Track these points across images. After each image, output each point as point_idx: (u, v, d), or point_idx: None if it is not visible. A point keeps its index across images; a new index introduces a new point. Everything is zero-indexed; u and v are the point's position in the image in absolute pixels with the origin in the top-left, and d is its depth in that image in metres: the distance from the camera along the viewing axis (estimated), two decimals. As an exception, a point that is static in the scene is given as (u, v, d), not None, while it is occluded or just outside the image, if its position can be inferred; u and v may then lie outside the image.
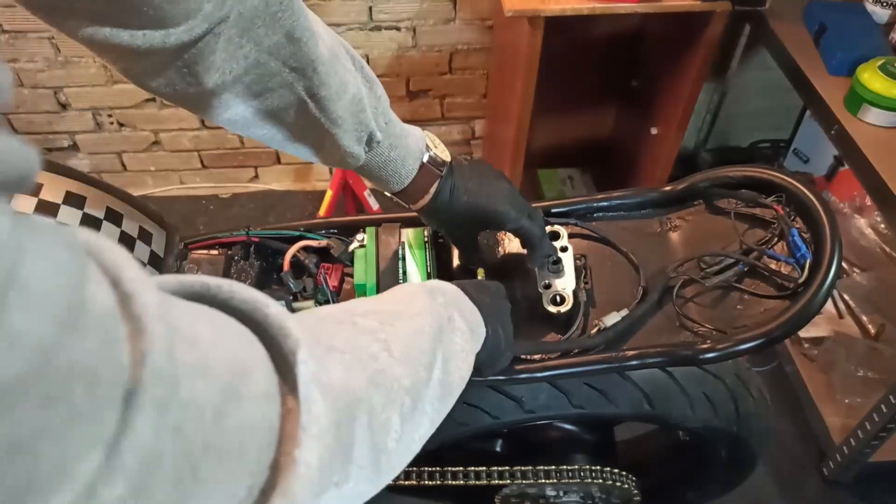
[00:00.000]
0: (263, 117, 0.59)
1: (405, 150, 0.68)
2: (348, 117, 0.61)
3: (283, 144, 0.63)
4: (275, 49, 0.53)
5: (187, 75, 0.51)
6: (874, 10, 1.60)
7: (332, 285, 0.80)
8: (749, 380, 0.95)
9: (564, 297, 0.75)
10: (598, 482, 0.98)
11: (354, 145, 0.63)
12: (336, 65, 0.58)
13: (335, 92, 0.58)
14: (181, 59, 0.50)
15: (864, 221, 1.84)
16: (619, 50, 1.97)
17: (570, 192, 2.21)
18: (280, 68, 0.55)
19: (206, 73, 0.51)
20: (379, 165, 0.67)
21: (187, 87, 0.52)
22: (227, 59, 0.51)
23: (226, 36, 0.50)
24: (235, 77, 0.53)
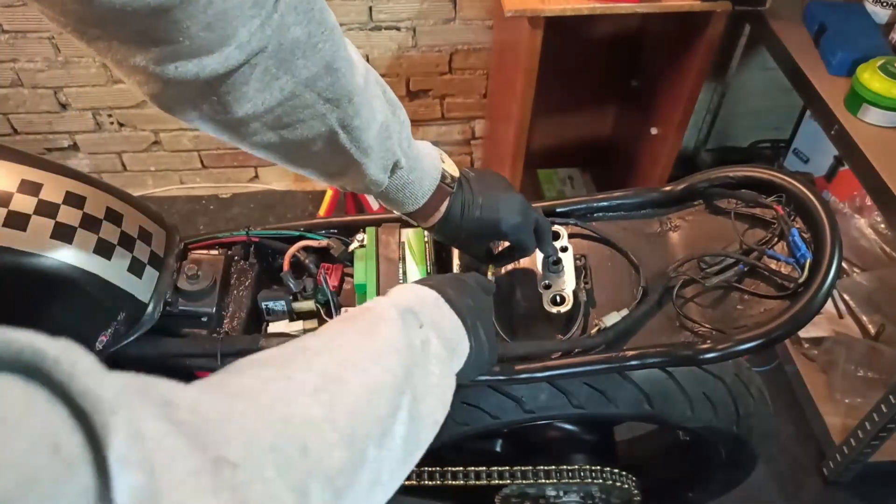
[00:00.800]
0: (290, 145, 0.57)
1: (422, 172, 0.67)
2: (377, 146, 0.59)
3: (304, 170, 0.61)
4: (312, 80, 0.51)
5: (216, 104, 0.49)
6: (874, 10, 1.59)
7: (332, 285, 0.80)
8: (749, 380, 0.95)
9: (564, 297, 0.75)
10: (598, 482, 0.98)
11: (380, 173, 0.62)
12: (366, 93, 0.57)
13: (366, 121, 0.57)
14: (212, 90, 0.48)
15: (864, 221, 1.83)
16: (619, 50, 1.97)
17: (570, 192, 2.21)
18: (315, 100, 0.52)
19: (237, 104, 0.50)
20: (397, 188, 0.66)
21: (215, 114, 0.51)
22: (260, 89, 0.49)
23: (262, 67, 0.48)
24: (268, 108, 0.51)
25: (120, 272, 0.67)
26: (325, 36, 0.50)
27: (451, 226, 0.71)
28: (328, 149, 0.57)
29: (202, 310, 0.77)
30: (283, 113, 0.52)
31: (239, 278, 0.82)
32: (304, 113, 0.53)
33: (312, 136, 0.55)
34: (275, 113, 0.52)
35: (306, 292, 0.81)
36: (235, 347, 0.75)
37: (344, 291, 0.82)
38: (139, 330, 0.72)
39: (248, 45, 0.46)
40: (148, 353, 0.75)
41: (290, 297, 0.81)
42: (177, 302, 0.76)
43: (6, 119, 2.05)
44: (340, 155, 0.58)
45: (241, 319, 0.79)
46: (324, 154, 0.58)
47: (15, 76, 1.92)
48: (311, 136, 0.55)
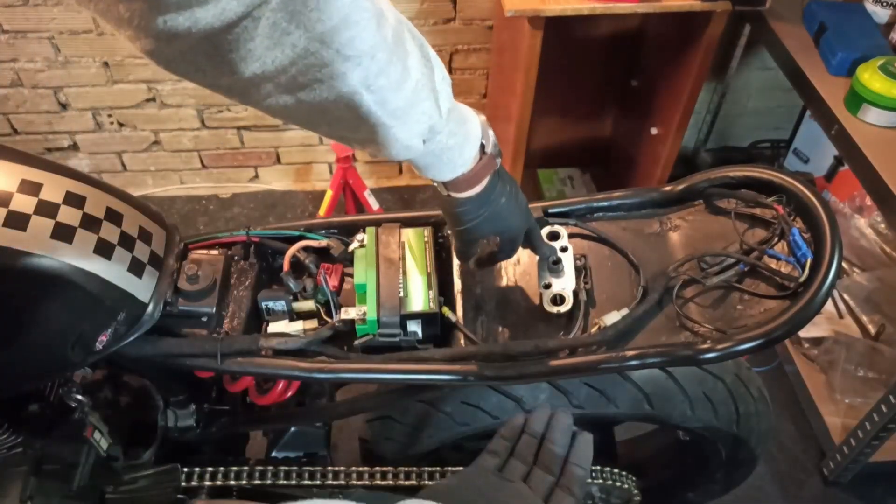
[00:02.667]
0: (308, 109, 0.51)
1: (464, 138, 0.61)
2: (408, 109, 0.53)
3: (329, 135, 0.56)
4: (328, 35, 0.45)
5: (220, 63, 0.44)
6: (874, 10, 1.60)
7: (332, 285, 0.80)
8: (749, 380, 0.95)
9: (564, 297, 0.75)
10: (597, 482, 0.98)
11: (413, 139, 0.56)
12: (399, 49, 0.50)
13: (395, 81, 0.51)
14: (213, 48, 0.43)
15: (864, 221, 1.84)
16: (619, 50, 1.97)
17: (570, 192, 2.21)
18: (333, 57, 0.46)
19: (243, 63, 0.44)
20: (435, 154, 0.60)
21: (219, 75, 0.46)
22: (270, 46, 0.44)
23: (269, 20, 0.43)
24: (279, 68, 0.46)
25: (120, 272, 0.67)
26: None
27: (482, 203, 0.66)
28: (351, 113, 0.51)
29: (202, 310, 0.77)
30: (297, 73, 0.47)
31: (239, 278, 0.82)
32: (321, 72, 0.47)
33: (333, 98, 0.49)
34: (288, 73, 0.46)
35: (306, 292, 0.81)
36: (235, 347, 0.75)
37: (344, 291, 0.82)
38: (139, 330, 0.72)
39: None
40: (148, 353, 0.74)
41: (290, 297, 0.81)
42: (177, 302, 0.76)
43: (6, 119, 2.05)
44: (366, 119, 0.52)
45: (241, 319, 0.79)
46: (347, 119, 0.52)
47: (15, 76, 1.92)
48: (332, 98, 0.49)
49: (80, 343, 0.67)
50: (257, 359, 0.75)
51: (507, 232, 0.73)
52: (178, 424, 0.88)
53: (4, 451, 0.73)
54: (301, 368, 0.75)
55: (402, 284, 0.77)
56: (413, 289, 0.77)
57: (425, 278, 0.78)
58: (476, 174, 0.65)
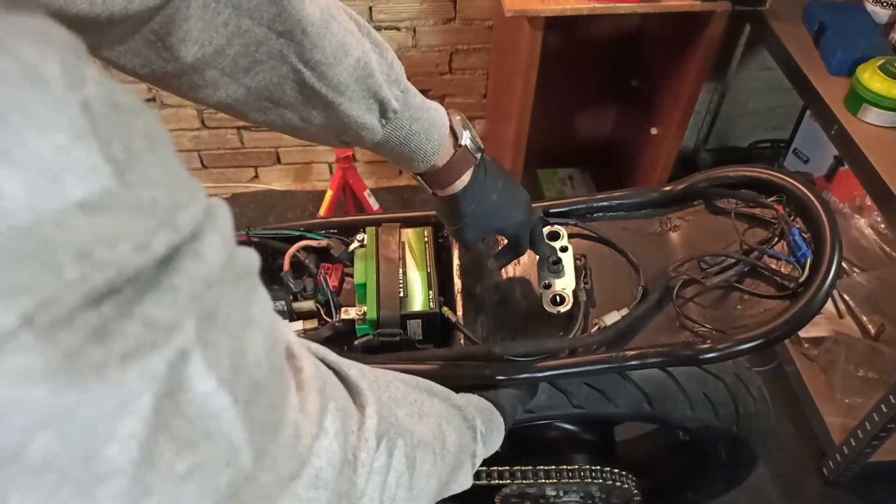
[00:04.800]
0: (259, 97, 0.53)
1: (429, 122, 0.62)
2: (352, 83, 0.55)
3: (294, 129, 0.58)
4: (256, 12, 0.48)
5: (162, 49, 0.46)
6: (874, 10, 1.60)
7: (332, 285, 0.80)
8: (749, 380, 0.95)
9: (564, 297, 0.76)
10: (598, 482, 0.98)
11: (366, 115, 0.58)
12: (331, 25, 0.53)
13: (332, 55, 0.53)
14: (150, 30, 0.45)
15: (864, 221, 1.84)
16: (619, 50, 1.97)
17: (570, 192, 2.21)
18: (266, 34, 0.49)
19: (182, 45, 0.47)
20: (400, 141, 0.61)
21: (164, 63, 0.48)
22: (204, 27, 0.46)
23: (199, 0, 0.45)
24: (217, 49, 0.48)
25: (120, 272, 0.67)
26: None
27: (469, 200, 0.67)
28: (299, 94, 0.54)
29: (202, 310, 0.77)
30: (236, 55, 0.49)
31: (239, 278, 0.82)
32: (259, 52, 0.50)
33: (277, 79, 0.52)
34: (227, 55, 0.49)
35: (306, 292, 0.81)
36: (235, 347, 0.75)
37: (344, 291, 0.82)
38: (139, 330, 0.71)
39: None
40: (148, 353, 0.74)
41: (290, 297, 0.80)
42: (177, 302, 0.76)
43: (6, 119, 2.04)
44: (315, 99, 0.54)
45: (241, 319, 0.79)
46: (298, 102, 0.55)
47: (15, 76, 1.92)
48: (276, 79, 0.52)
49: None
50: (257, 359, 0.75)
51: (508, 229, 0.73)
52: (178, 424, 0.88)
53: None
54: (301, 368, 0.75)
55: (402, 284, 0.77)
56: (413, 289, 0.77)
57: (425, 278, 0.78)
58: (453, 167, 0.65)
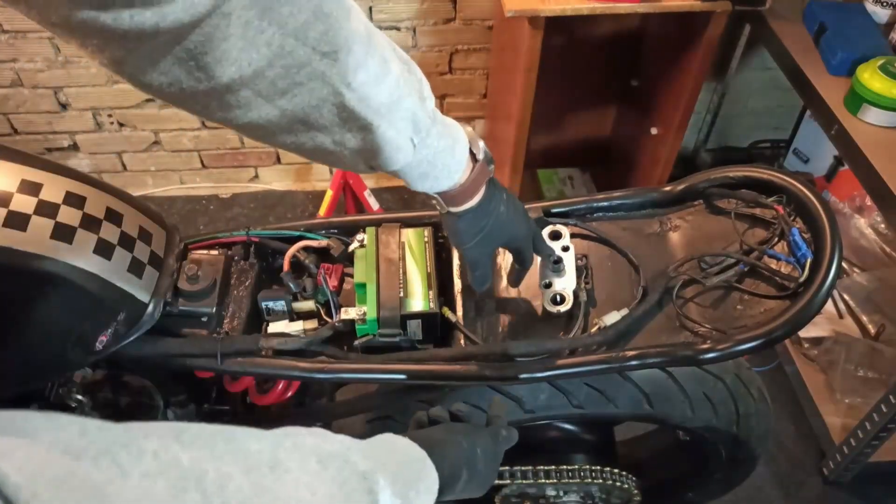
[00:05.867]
0: (293, 120, 0.49)
1: (453, 140, 0.60)
2: (392, 104, 0.52)
3: (324, 153, 0.53)
4: (302, 31, 0.44)
5: (195, 69, 0.43)
6: (874, 10, 1.60)
7: (332, 285, 0.80)
8: (749, 380, 0.95)
9: (565, 296, 0.75)
10: (598, 482, 0.98)
11: (402, 138, 0.54)
12: (374, 41, 0.49)
13: (375, 75, 0.49)
14: (183, 47, 0.41)
15: (864, 221, 1.84)
16: (619, 50, 1.97)
17: (570, 192, 2.21)
18: (310, 56, 0.45)
19: (219, 65, 0.43)
20: (429, 160, 0.58)
21: (196, 83, 0.44)
22: (245, 47, 0.43)
23: (241, 18, 0.41)
24: (257, 70, 0.44)
25: (120, 272, 0.67)
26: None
27: (484, 214, 0.65)
28: (335, 116, 0.50)
29: (202, 310, 0.77)
30: (276, 76, 0.46)
31: (239, 278, 0.82)
32: (300, 74, 0.46)
33: (315, 102, 0.48)
34: (266, 76, 0.45)
35: (306, 292, 0.81)
36: (235, 347, 0.75)
37: (344, 291, 0.82)
38: (139, 330, 0.72)
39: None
40: (148, 353, 0.74)
41: (290, 297, 0.80)
42: (177, 302, 0.76)
43: (6, 119, 2.05)
44: (353, 121, 0.51)
45: (241, 319, 0.79)
46: (334, 126, 0.51)
47: (15, 76, 1.92)
48: (314, 102, 0.48)
49: (80, 343, 0.67)
50: (257, 359, 0.75)
51: (514, 241, 0.72)
52: (179, 424, 0.88)
53: (4, 451, 0.73)
54: (301, 368, 0.75)
55: (402, 284, 0.77)
56: (413, 289, 0.77)
57: (425, 278, 0.78)
58: (472, 182, 0.63)
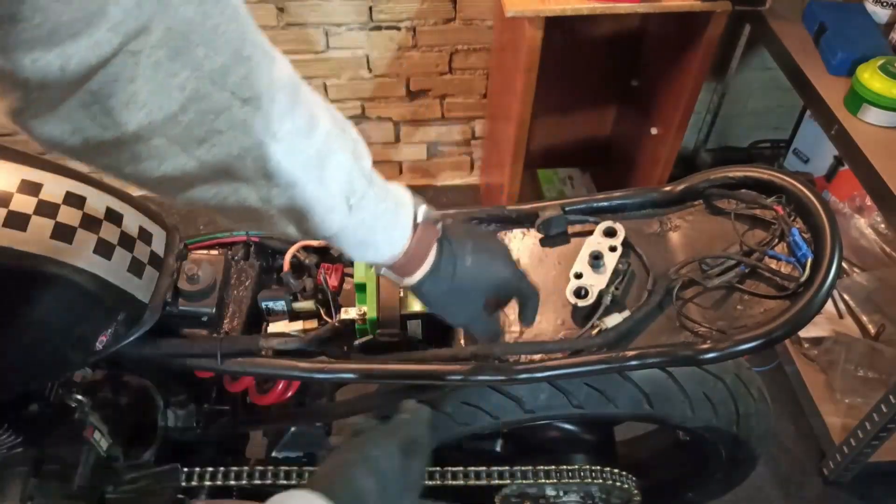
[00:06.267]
0: (211, 172, 0.44)
1: (395, 203, 0.54)
2: (323, 158, 0.47)
3: (247, 210, 0.48)
4: (220, 74, 0.40)
5: (99, 114, 0.39)
6: (874, 10, 1.60)
7: (332, 285, 0.80)
8: (749, 380, 0.95)
9: (589, 291, 0.74)
10: (598, 482, 0.98)
11: (335, 196, 0.49)
12: (301, 92, 0.46)
13: (302, 126, 0.46)
14: (87, 90, 0.37)
15: (864, 221, 1.84)
16: (619, 50, 1.97)
17: (570, 192, 2.21)
18: (229, 101, 0.41)
19: (126, 110, 0.39)
20: (367, 225, 0.53)
21: (101, 130, 0.40)
22: (155, 90, 0.39)
23: (150, 58, 0.38)
24: (169, 115, 0.40)
25: (120, 272, 0.67)
26: (226, 16, 0.40)
27: (443, 277, 0.59)
28: (260, 170, 0.45)
29: (202, 310, 0.77)
30: (192, 123, 0.41)
31: (239, 278, 0.82)
32: (219, 120, 0.42)
33: (237, 152, 0.43)
34: (180, 122, 0.41)
35: (306, 292, 0.81)
36: (235, 347, 0.75)
37: (344, 291, 0.82)
38: (139, 330, 0.72)
39: (123, 25, 0.36)
40: (148, 353, 0.75)
41: (290, 297, 0.81)
42: (177, 302, 0.76)
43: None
44: (278, 177, 0.46)
45: (241, 319, 0.79)
46: (259, 179, 0.46)
47: (15, 76, 1.92)
48: (235, 152, 0.43)
49: (80, 343, 0.67)
50: (257, 359, 0.75)
51: (500, 289, 0.65)
52: (178, 424, 0.88)
53: (4, 451, 0.73)
54: (301, 368, 0.75)
55: (402, 284, 0.77)
56: (413, 289, 0.77)
57: (425, 278, 0.78)
58: (418, 246, 0.57)
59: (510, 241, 0.84)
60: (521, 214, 0.84)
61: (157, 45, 0.38)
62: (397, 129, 2.18)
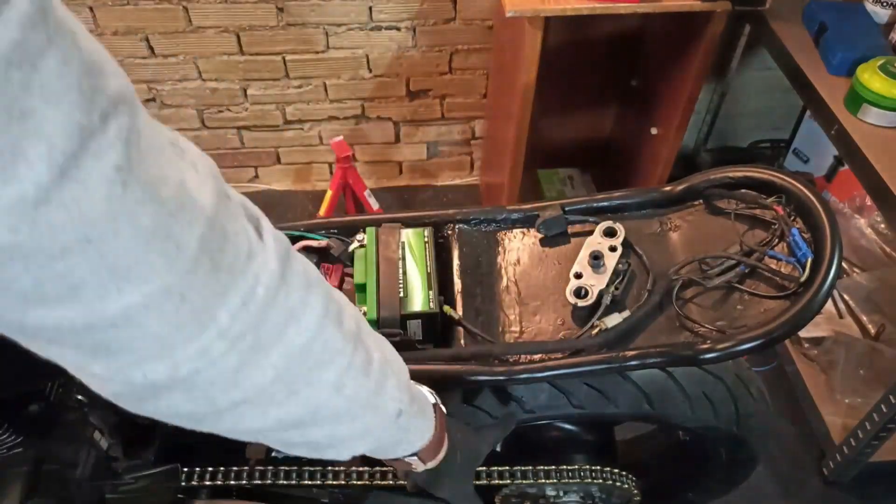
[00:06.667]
0: (287, 425, 0.48)
1: (424, 401, 0.59)
2: (377, 392, 0.51)
3: (304, 448, 0.51)
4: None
5: (200, 397, 0.40)
6: (874, 10, 1.60)
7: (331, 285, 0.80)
8: (749, 380, 0.95)
9: (589, 291, 0.75)
10: (598, 482, 0.98)
11: (390, 418, 0.53)
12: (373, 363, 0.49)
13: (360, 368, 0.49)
14: (191, 383, 0.39)
15: (864, 221, 1.84)
16: (619, 50, 1.97)
17: (570, 192, 2.21)
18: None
19: (224, 394, 0.41)
20: (405, 428, 0.56)
21: (196, 407, 0.41)
22: (250, 374, 0.41)
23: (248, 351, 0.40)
24: (256, 390, 0.43)
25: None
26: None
27: (452, 455, 0.65)
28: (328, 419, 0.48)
29: (202, 310, 0.77)
30: (281, 390, 0.44)
31: (239, 278, 0.82)
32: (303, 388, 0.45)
33: (314, 408, 0.47)
34: (271, 392, 0.43)
35: (306, 292, 0.81)
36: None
37: (344, 291, 0.82)
38: (139, 330, 0.72)
39: (229, 331, 0.38)
40: (148, 353, 0.74)
41: (290, 297, 0.80)
42: (177, 302, 0.76)
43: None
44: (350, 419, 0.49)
45: (241, 319, 0.79)
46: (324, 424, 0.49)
47: (15, 76, 1.92)
48: (313, 408, 0.47)
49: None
50: (257, 359, 0.75)
51: (481, 456, 0.73)
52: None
53: (4, 451, 0.73)
54: (301, 368, 0.74)
55: (402, 284, 0.77)
56: (413, 289, 0.77)
57: (425, 278, 0.78)
58: (440, 428, 0.62)
59: (510, 241, 0.84)
60: (521, 214, 0.84)
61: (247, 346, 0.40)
62: (397, 129, 2.18)
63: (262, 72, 1.97)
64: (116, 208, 0.30)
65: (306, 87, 2.03)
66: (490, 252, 0.84)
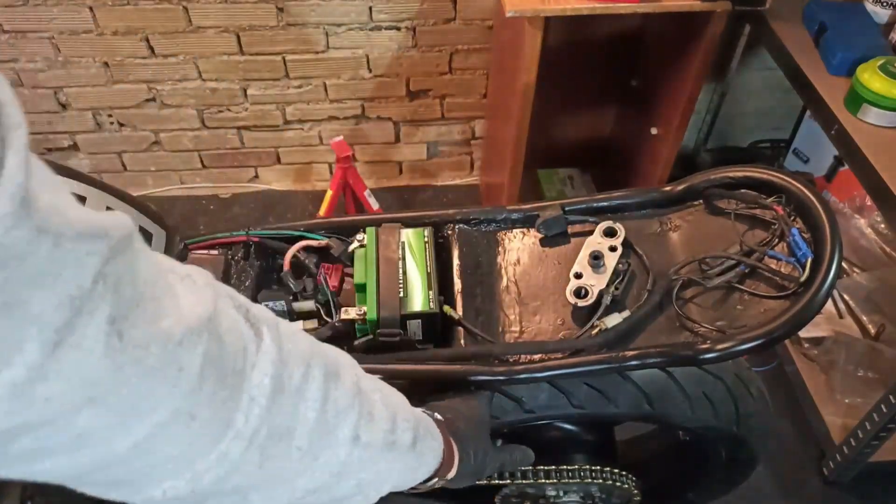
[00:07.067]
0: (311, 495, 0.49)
1: (429, 424, 0.60)
2: (392, 443, 0.51)
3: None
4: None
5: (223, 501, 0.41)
6: (874, 10, 1.60)
7: (332, 285, 0.80)
8: (749, 380, 0.95)
9: (589, 291, 0.75)
10: (598, 482, 0.98)
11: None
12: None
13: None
14: (216, 492, 0.39)
15: (864, 221, 1.84)
16: (619, 50, 1.97)
17: (570, 192, 2.21)
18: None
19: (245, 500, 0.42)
20: (422, 451, 0.57)
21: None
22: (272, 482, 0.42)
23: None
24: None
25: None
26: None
27: (468, 452, 0.66)
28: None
29: (202, 310, 0.77)
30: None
31: (239, 278, 0.82)
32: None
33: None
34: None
35: (306, 292, 0.81)
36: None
37: (344, 291, 0.82)
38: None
39: (244, 430, 0.38)
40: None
41: (290, 297, 0.81)
42: (177, 302, 0.76)
43: (6, 119, 2.04)
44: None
45: (241, 319, 0.79)
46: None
47: (15, 76, 1.92)
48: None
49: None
50: (257, 359, 0.75)
51: (480, 417, 0.72)
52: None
53: (4, 451, 0.73)
54: (301, 368, 0.75)
55: (402, 284, 0.77)
56: (413, 289, 0.77)
57: (425, 278, 0.78)
58: (448, 446, 0.63)
59: (510, 241, 0.84)
60: (521, 214, 0.84)
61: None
62: (397, 129, 2.18)
63: (262, 72, 1.97)
64: (119, 360, 0.29)
65: (306, 87, 2.03)
66: (490, 252, 0.84)
